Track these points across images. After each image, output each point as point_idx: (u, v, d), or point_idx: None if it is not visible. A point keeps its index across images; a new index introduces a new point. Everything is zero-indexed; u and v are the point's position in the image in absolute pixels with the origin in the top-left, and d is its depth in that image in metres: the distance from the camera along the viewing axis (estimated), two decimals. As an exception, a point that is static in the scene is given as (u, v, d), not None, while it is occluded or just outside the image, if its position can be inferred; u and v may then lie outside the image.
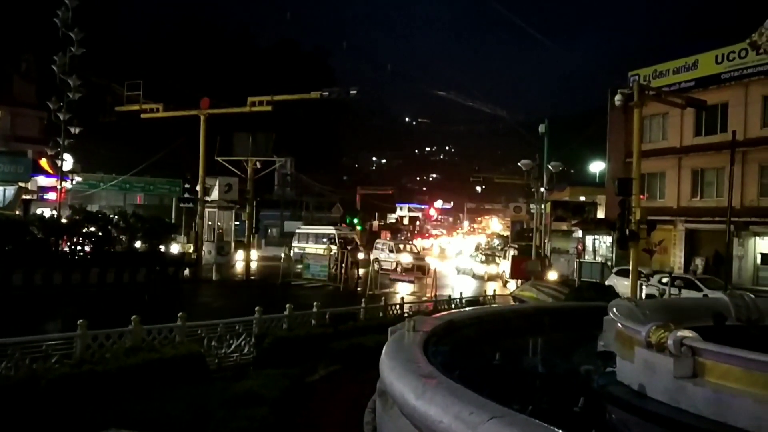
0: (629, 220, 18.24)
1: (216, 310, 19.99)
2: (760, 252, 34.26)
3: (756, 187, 34.04)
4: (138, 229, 28.61)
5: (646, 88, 21.99)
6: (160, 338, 10.38)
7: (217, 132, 32.42)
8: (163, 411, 7.82)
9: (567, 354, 8.19)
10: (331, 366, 10.59)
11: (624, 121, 37.68)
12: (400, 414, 5.22)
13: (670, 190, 39.21)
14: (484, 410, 3.90)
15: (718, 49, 36.65)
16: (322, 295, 23.95)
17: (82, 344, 9.22)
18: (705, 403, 5.24)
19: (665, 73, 39.73)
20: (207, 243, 32.28)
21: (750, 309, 8.16)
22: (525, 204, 48.31)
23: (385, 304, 16.76)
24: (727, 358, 5.30)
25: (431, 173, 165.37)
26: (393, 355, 5.97)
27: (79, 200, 39.03)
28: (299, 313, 13.25)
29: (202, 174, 32.13)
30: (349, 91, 30.93)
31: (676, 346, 5.47)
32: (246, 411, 7.10)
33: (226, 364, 11.30)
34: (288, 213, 66.36)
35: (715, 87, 35.94)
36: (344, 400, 8.40)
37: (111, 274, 25.94)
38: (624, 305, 7.87)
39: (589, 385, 6.69)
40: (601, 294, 18.04)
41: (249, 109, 30.40)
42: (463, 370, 5.72)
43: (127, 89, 32.38)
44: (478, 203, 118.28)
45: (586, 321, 9.09)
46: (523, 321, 9.95)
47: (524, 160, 34.17)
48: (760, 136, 33.74)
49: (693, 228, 37.37)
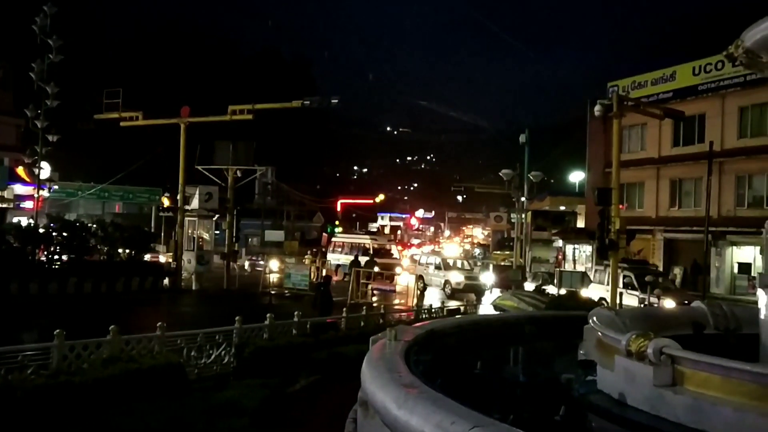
0: (609, 230, 18.40)
1: (196, 319, 19.79)
2: (737, 261, 34.71)
3: (733, 197, 34.53)
4: (117, 238, 28.35)
5: (625, 99, 22.26)
6: (139, 348, 10.24)
7: (197, 140, 32.24)
8: (142, 422, 7.72)
9: (548, 363, 8.22)
10: (312, 376, 10.54)
11: (603, 132, 38.09)
12: (381, 424, 5.19)
13: (649, 199, 39.64)
14: (465, 419, 3.89)
15: (695, 61, 37.24)
16: (303, 304, 23.84)
17: (58, 355, 9.07)
18: (684, 411, 5.28)
19: (644, 85, 40.25)
20: (187, 252, 32.04)
21: (728, 318, 8.25)
22: (506, 213, 48.63)
23: (367, 313, 16.70)
24: (706, 367, 5.34)
25: (412, 182, 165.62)
26: (374, 364, 5.94)
27: (57, 209, 38.56)
28: (280, 323, 13.16)
29: (182, 183, 31.91)
30: (330, 100, 30.97)
31: (656, 354, 5.50)
32: (226, 422, 7.05)
33: (206, 375, 11.19)
34: (269, 222, 66.08)
35: (693, 98, 36.47)
36: (325, 410, 8.35)
37: (89, 283, 25.62)
38: (604, 314, 7.91)
39: (569, 393, 6.70)
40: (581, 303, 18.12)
41: (230, 118, 30.28)
42: (445, 380, 5.71)
43: (106, 97, 32.14)
44: (459, 212, 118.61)
45: (567, 330, 9.12)
46: (504, 330, 9.96)
47: (505, 170, 34.32)
48: (736, 147, 34.26)
49: (671, 237, 37.78)
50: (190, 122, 31.39)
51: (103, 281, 26.09)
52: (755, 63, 7.25)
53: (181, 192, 32.14)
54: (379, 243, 40.20)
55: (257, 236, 63.62)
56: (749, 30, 6.74)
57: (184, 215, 32.10)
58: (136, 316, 19.28)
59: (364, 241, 40.25)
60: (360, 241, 40.56)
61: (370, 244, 38.85)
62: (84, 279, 25.60)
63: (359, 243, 39.84)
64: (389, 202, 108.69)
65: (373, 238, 41.15)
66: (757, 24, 6.54)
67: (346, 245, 40.73)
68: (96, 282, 25.84)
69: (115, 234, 28.36)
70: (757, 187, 33.99)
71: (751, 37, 6.74)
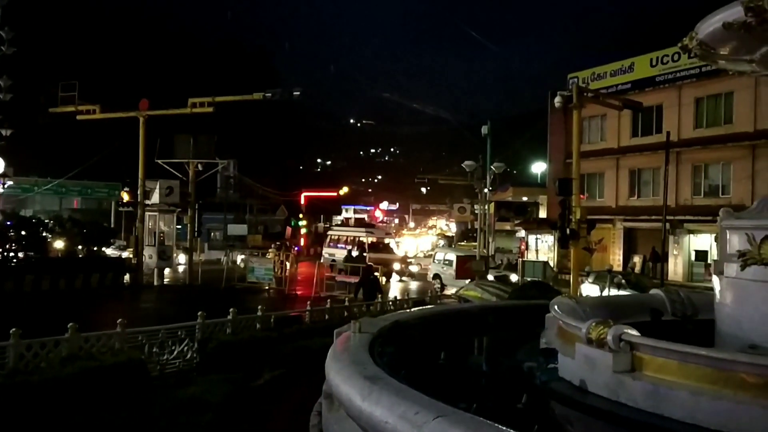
0: (570, 220, 18.61)
1: (158, 315, 19.53)
2: (694, 249, 35.50)
3: (690, 186, 35.27)
4: (75, 234, 27.83)
5: (585, 91, 22.53)
6: (99, 345, 10.07)
7: (157, 134, 31.73)
8: (104, 421, 7.60)
9: (511, 352, 8.30)
10: (277, 370, 10.49)
11: (564, 123, 38.55)
12: (346, 416, 5.20)
13: (609, 189, 40.27)
14: (429, 409, 3.91)
15: (652, 53, 37.86)
16: (266, 298, 23.71)
17: (15, 354, 8.88)
18: (643, 396, 5.38)
19: (603, 76, 40.80)
20: (148, 247, 31.54)
21: (685, 304, 8.42)
22: (469, 205, 48.94)
23: (331, 306, 16.67)
24: (664, 352, 5.45)
25: (376, 175, 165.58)
26: (338, 357, 5.93)
27: (12, 205, 37.65)
28: (243, 317, 13.05)
29: (142, 177, 31.38)
30: (292, 92, 30.74)
31: (615, 341, 5.59)
32: (189, 417, 6.98)
33: (168, 371, 11.06)
34: (231, 216, 65.45)
35: (651, 89, 37.11)
36: (290, 404, 8.32)
37: (47, 281, 25.10)
38: (565, 303, 8.02)
39: (532, 381, 6.78)
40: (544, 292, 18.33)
41: (190, 111, 29.87)
42: (409, 371, 5.73)
43: (62, 90, 31.36)
44: (423, 204, 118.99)
45: (530, 319, 9.22)
46: (468, 320, 10.03)
47: (468, 162, 34.46)
48: (693, 137, 34.99)
49: (631, 226, 38.48)
50: (149, 115, 30.87)
51: (61, 278, 25.59)
52: (709, 55, 7.38)
53: (141, 186, 31.61)
54: (377, 237, 38.11)
55: (220, 230, 62.93)
56: (703, 22, 6.86)
57: (144, 210, 31.58)
58: (97, 313, 18.93)
59: (359, 235, 38.10)
60: (356, 234, 38.51)
61: (365, 238, 36.56)
62: (41, 276, 25.07)
63: (355, 237, 37.77)
64: (353, 195, 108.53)
65: (369, 232, 38.76)
66: (711, 16, 6.66)
67: (341, 240, 38.72)
68: (54, 279, 25.33)
69: (74, 230, 27.89)
70: (713, 176, 34.77)
71: (704, 29, 6.85)
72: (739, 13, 6.12)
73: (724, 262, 6.90)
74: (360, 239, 36.28)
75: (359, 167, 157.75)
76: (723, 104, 34.26)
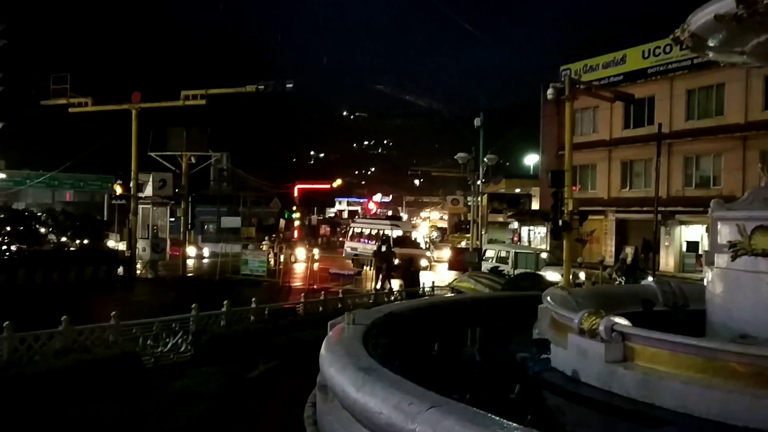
0: (562, 211, 18.66)
1: (152, 308, 19.49)
2: (685, 240, 35.70)
3: (681, 177, 35.42)
4: (68, 227, 27.73)
5: (577, 83, 22.52)
6: (93, 338, 10.06)
7: (150, 126, 31.62)
8: (98, 414, 7.61)
9: (504, 342, 8.35)
10: (271, 362, 10.51)
11: (556, 115, 38.56)
12: (340, 407, 5.23)
13: (601, 181, 40.39)
14: (423, 400, 3.95)
15: (644, 45, 37.92)
16: (261, 291, 23.70)
17: (8, 347, 8.88)
18: (635, 386, 5.43)
19: (595, 68, 40.83)
20: (141, 240, 31.47)
21: (676, 295, 8.50)
22: (462, 196, 48.91)
23: (325, 298, 16.68)
24: (655, 342, 5.50)
25: (370, 167, 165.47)
26: (333, 348, 5.97)
27: (4, 198, 37.51)
28: (237, 309, 13.06)
29: (135, 170, 31.26)
30: (285, 84, 30.65)
31: (607, 331, 5.64)
32: (184, 410, 7.00)
33: (163, 363, 11.06)
34: (225, 209, 65.26)
35: (643, 81, 37.17)
36: (284, 395, 8.35)
37: (40, 274, 25.00)
38: (558, 294, 8.08)
39: (525, 372, 6.83)
40: (536, 283, 18.42)
41: (183, 103, 29.77)
42: (403, 362, 5.77)
43: (54, 82, 31.12)
44: (416, 196, 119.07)
45: (522, 310, 9.27)
46: (461, 311, 10.08)
47: (461, 154, 34.39)
48: (684, 129, 35.09)
49: (623, 218, 38.63)
50: (141, 108, 30.72)
51: (54, 271, 25.47)
52: (700, 47, 7.43)
53: (133, 179, 31.51)
54: (403, 230, 36.06)
55: (213, 223, 62.77)
56: (694, 14, 6.90)
57: (137, 203, 31.49)
58: (90, 306, 18.91)
59: (383, 228, 35.94)
60: (380, 227, 36.35)
61: (390, 231, 34.38)
62: (34, 269, 24.96)
63: (379, 230, 35.56)
64: (347, 187, 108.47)
65: (395, 225, 36.70)
66: (702, 8, 6.70)
67: (364, 233, 36.80)
68: (47, 272, 25.22)
69: (66, 223, 27.76)
70: (704, 168, 34.90)
71: (696, 22, 6.89)
72: (731, 5, 6.16)
73: (715, 253, 6.96)
74: (385, 233, 34.62)
75: (352, 159, 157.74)
76: (714, 96, 34.36)
